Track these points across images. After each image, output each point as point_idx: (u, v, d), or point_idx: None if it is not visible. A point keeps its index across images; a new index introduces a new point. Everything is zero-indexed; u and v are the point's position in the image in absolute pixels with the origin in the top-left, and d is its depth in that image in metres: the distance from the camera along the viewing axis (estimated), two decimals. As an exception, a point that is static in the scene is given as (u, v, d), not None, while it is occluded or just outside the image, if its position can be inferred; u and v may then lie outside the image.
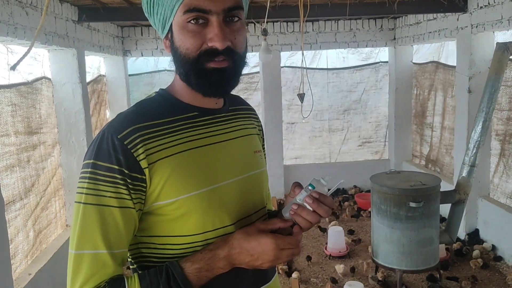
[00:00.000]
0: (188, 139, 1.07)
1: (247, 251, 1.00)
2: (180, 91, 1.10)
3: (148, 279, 0.99)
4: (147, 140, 1.01)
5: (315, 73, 6.78)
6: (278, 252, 1.00)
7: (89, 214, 0.97)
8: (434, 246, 3.56)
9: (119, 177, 0.97)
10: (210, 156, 1.09)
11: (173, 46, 1.05)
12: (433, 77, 5.89)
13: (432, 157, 6.04)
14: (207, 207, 1.05)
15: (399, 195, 3.44)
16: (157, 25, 1.08)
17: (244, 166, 1.15)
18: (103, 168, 0.97)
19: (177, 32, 1.03)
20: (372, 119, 7.03)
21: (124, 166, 0.98)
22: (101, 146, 0.99)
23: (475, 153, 3.65)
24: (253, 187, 1.17)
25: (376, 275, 3.97)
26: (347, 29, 6.33)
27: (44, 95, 4.03)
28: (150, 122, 1.04)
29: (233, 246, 1.01)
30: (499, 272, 4.06)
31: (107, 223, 0.98)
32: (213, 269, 1.01)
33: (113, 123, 1.02)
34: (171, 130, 1.05)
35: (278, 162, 6.43)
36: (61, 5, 3.93)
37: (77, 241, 0.98)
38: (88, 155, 1.01)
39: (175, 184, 1.02)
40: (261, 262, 1.01)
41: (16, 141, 3.46)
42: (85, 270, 0.97)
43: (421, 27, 5.59)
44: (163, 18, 1.04)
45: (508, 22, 3.86)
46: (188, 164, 1.04)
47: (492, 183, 4.67)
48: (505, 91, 4.39)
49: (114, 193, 0.98)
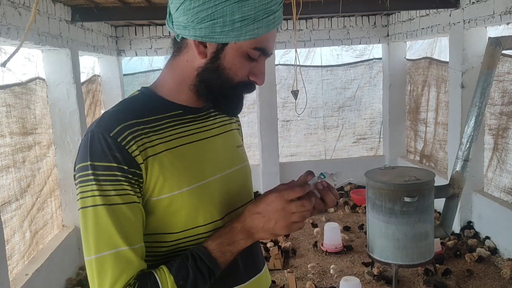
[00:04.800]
0: (176, 136, 1.08)
1: (258, 213, 1.02)
2: (167, 90, 1.10)
3: (176, 267, 1.00)
4: (137, 137, 1.01)
5: (310, 71, 6.80)
6: (286, 205, 0.99)
7: (101, 216, 0.96)
8: (429, 240, 3.59)
9: (120, 174, 0.97)
10: (198, 152, 1.11)
11: (217, 62, 1.03)
12: (426, 73, 5.92)
13: (426, 152, 6.08)
14: (198, 203, 1.07)
15: (394, 190, 3.46)
16: (210, 23, 0.99)
17: (229, 161, 1.18)
18: (102, 168, 0.97)
19: (233, 55, 1.03)
20: (367, 115, 7.06)
21: (123, 163, 0.98)
22: (93, 146, 0.98)
23: (468, 147, 3.68)
24: (239, 181, 1.20)
25: (372, 270, 3.99)
26: (341, 27, 6.35)
27: (39, 96, 4.03)
28: (138, 119, 1.04)
29: (245, 214, 1.04)
30: (494, 265, 4.09)
31: (121, 221, 0.97)
32: (234, 242, 1.03)
33: (101, 123, 1.01)
34: (159, 128, 1.06)
35: (273, 159, 6.45)
36: (54, 5, 3.93)
37: (94, 245, 0.97)
38: (82, 158, 0.99)
39: (167, 180, 1.03)
40: (274, 223, 1.00)
41: (11, 142, 3.45)
42: (110, 271, 0.96)
43: (414, 24, 5.62)
44: (231, 31, 1.00)
45: (500, 17, 3.89)
46: (178, 160, 1.06)
47: (486, 177, 4.71)
48: (497, 86, 4.42)
49: (119, 191, 0.97)
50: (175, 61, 1.09)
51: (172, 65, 1.09)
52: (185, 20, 1.00)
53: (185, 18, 1.00)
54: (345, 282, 3.36)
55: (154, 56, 6.40)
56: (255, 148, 6.82)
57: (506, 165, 4.39)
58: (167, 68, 1.11)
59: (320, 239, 4.72)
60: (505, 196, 4.42)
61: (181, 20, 1.01)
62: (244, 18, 0.98)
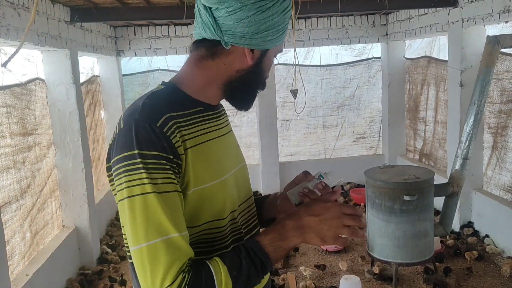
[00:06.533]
0: (203, 131, 1.14)
1: (314, 215, 1.07)
2: (193, 87, 1.16)
3: (229, 258, 1.03)
4: (180, 128, 1.07)
5: (309, 70, 6.81)
6: (342, 216, 1.07)
7: (151, 203, 0.98)
8: (428, 238, 3.59)
9: (167, 163, 1.01)
10: (220, 148, 1.18)
11: (260, 66, 1.17)
12: (425, 72, 5.93)
13: (425, 151, 6.08)
14: (222, 197, 1.14)
15: (393, 189, 3.46)
16: (265, 33, 1.11)
17: (237, 158, 1.28)
18: (150, 156, 0.99)
19: (269, 58, 1.19)
20: (366, 114, 7.07)
21: (169, 153, 1.02)
22: (140, 135, 1.00)
23: (467, 146, 3.68)
24: (244, 177, 1.29)
25: (372, 268, 4.00)
26: (340, 26, 6.36)
27: (38, 96, 4.04)
28: (177, 112, 1.09)
29: (299, 214, 1.10)
30: (494, 263, 4.10)
31: (171, 208, 1.00)
32: (286, 238, 1.07)
33: (144, 113, 1.04)
34: (192, 122, 1.12)
35: (273, 159, 6.46)
36: (53, 6, 3.93)
37: (144, 233, 0.98)
38: (125, 146, 1.01)
39: (199, 173, 1.08)
40: (326, 228, 1.06)
41: (11, 143, 3.46)
42: (163, 258, 0.97)
43: (412, 22, 5.62)
44: (275, 39, 1.14)
45: (499, 15, 3.89)
46: (206, 155, 1.12)
47: (485, 175, 4.71)
48: (496, 84, 4.43)
49: (168, 179, 1.01)
50: (208, 63, 1.14)
51: (204, 66, 1.15)
52: (244, 31, 1.08)
53: (244, 29, 1.08)
54: (345, 281, 3.36)
55: (153, 56, 6.40)
56: (255, 147, 6.83)
57: (506, 163, 4.39)
58: (195, 67, 1.16)
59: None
60: (505, 194, 4.43)
61: (238, 31, 1.08)
62: (284, 26, 1.14)
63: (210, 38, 1.11)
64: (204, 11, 1.09)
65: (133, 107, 1.09)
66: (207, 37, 1.12)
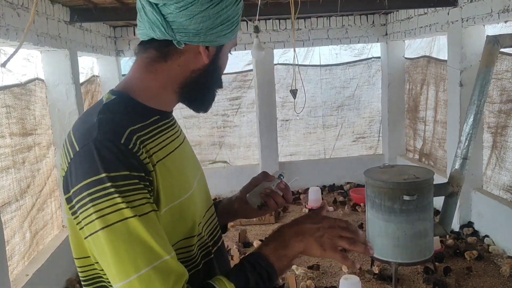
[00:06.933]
0: (166, 142, 1.04)
1: (311, 223, 1.05)
2: (147, 95, 1.05)
3: (234, 274, 0.98)
4: (144, 142, 0.97)
5: (308, 70, 6.81)
6: (337, 227, 1.05)
7: (134, 228, 0.87)
8: (428, 238, 3.60)
9: (141, 182, 0.91)
10: (182, 159, 1.09)
11: (217, 63, 1.08)
12: (425, 72, 5.93)
13: (425, 151, 6.09)
14: (191, 212, 1.06)
15: (393, 188, 3.47)
16: (220, 28, 1.02)
17: (196, 166, 1.19)
18: (121, 178, 0.89)
19: (225, 54, 1.09)
20: (366, 114, 7.07)
21: (141, 170, 0.92)
22: (105, 156, 0.89)
23: (467, 145, 3.69)
24: (204, 185, 1.22)
25: (372, 268, 4.00)
26: (339, 26, 6.36)
27: (38, 96, 4.03)
28: (138, 124, 0.99)
29: (296, 221, 1.08)
30: (494, 263, 4.10)
31: (154, 230, 0.90)
32: (288, 245, 1.02)
33: (102, 131, 0.92)
34: (153, 133, 1.02)
35: (273, 159, 6.46)
36: (53, 6, 3.93)
37: (132, 263, 0.87)
38: (91, 171, 0.89)
39: (169, 190, 0.99)
40: (326, 235, 1.03)
41: (11, 143, 3.46)
42: (159, 285, 0.87)
43: (412, 22, 5.62)
44: (230, 32, 1.05)
45: (498, 15, 3.90)
46: (173, 168, 1.03)
47: (485, 175, 4.71)
48: (496, 84, 4.43)
49: (144, 199, 0.91)
50: (160, 66, 1.04)
51: (156, 70, 1.04)
52: (197, 27, 0.99)
53: (198, 26, 0.98)
54: (345, 280, 3.36)
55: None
56: (255, 147, 6.83)
57: (505, 163, 4.39)
58: (146, 72, 1.05)
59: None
60: (504, 194, 4.43)
61: (192, 28, 0.98)
62: (238, 18, 1.05)
63: (159, 38, 1.00)
64: (150, 8, 0.98)
65: (86, 125, 0.96)
66: (156, 37, 1.01)
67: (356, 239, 1.05)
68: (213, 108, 5.59)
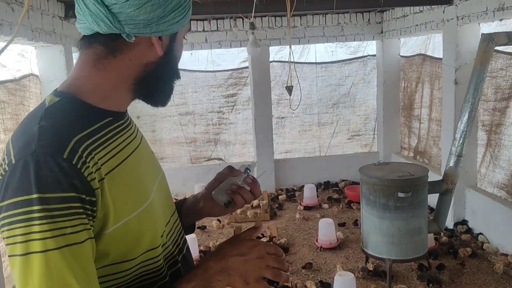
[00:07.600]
0: (119, 148, 0.95)
1: (240, 255, 0.98)
2: (97, 96, 0.95)
3: None
4: (92, 152, 0.86)
5: (304, 67, 6.81)
6: (267, 256, 0.99)
7: (54, 262, 0.77)
8: (422, 235, 3.62)
9: (78, 206, 0.81)
10: (138, 164, 1.00)
11: (172, 53, 0.98)
12: (420, 70, 5.94)
13: (420, 148, 6.11)
14: (151, 223, 0.98)
15: (388, 185, 3.48)
16: (172, 15, 0.92)
17: (155, 169, 1.10)
18: (56, 201, 0.78)
19: (179, 42, 1.00)
20: (361, 112, 7.08)
21: (82, 191, 0.82)
22: (41, 175, 0.78)
23: (461, 143, 3.71)
24: (165, 189, 1.14)
25: (366, 265, 4.02)
26: (335, 23, 6.36)
27: (32, 92, 4.02)
28: (86, 130, 0.88)
29: (223, 254, 0.99)
30: (487, 260, 4.12)
31: (81, 264, 0.80)
32: (210, 283, 0.95)
33: (42, 143, 0.81)
34: (104, 139, 0.92)
35: (268, 156, 6.46)
36: (47, 1, 3.91)
37: None
38: (22, 189, 0.78)
39: (120, 204, 0.90)
40: (251, 269, 0.97)
41: (5, 139, 3.44)
42: None
43: (408, 20, 5.63)
44: (182, 18, 0.96)
45: (493, 13, 3.91)
46: (127, 178, 0.94)
47: (479, 173, 4.74)
48: (490, 82, 4.45)
49: (80, 225, 0.81)
50: (109, 62, 0.93)
51: (105, 67, 0.93)
52: (148, 17, 0.89)
53: (148, 15, 0.89)
54: (339, 277, 3.37)
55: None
56: (250, 145, 6.83)
57: (499, 161, 4.42)
58: (94, 70, 0.94)
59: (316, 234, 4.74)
60: (498, 191, 4.46)
61: (141, 19, 0.89)
62: (189, 1, 0.97)
63: (105, 32, 0.90)
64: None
65: (26, 134, 0.84)
66: (101, 32, 0.91)
67: (281, 268, 0.99)
68: (209, 105, 5.69)
